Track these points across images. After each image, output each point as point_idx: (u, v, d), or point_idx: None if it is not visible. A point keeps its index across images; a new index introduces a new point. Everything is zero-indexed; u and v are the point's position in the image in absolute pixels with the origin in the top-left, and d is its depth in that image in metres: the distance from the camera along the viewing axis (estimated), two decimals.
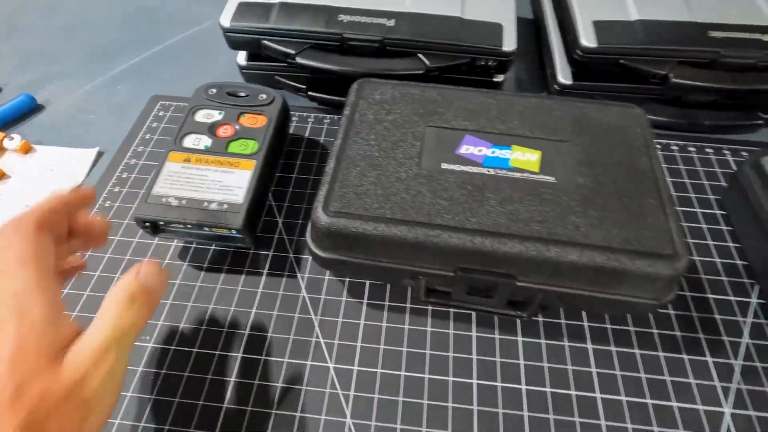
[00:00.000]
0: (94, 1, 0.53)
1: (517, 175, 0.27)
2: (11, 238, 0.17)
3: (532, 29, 0.48)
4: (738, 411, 0.25)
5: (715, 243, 0.32)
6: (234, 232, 0.28)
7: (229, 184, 0.29)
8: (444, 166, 0.27)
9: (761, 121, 0.37)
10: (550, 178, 0.26)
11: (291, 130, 0.38)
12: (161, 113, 0.40)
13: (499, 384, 0.26)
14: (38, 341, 0.15)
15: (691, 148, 0.38)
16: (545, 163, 0.27)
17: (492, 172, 0.27)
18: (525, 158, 0.27)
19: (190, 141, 0.31)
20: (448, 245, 0.24)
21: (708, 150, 0.38)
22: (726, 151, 0.37)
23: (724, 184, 0.35)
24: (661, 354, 0.27)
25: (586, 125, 0.29)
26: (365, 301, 0.30)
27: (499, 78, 0.39)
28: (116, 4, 0.52)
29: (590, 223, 0.24)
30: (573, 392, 0.26)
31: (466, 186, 0.26)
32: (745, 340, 0.28)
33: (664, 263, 0.23)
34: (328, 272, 0.31)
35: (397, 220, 0.24)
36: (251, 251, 0.32)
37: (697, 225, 0.33)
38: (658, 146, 0.38)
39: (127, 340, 0.18)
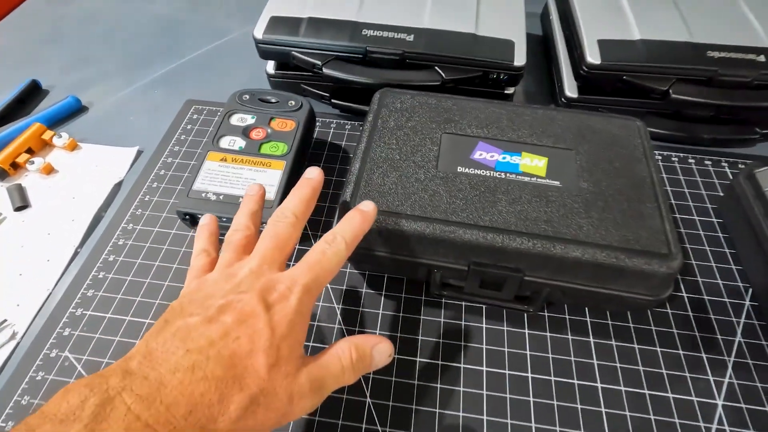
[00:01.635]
0: (125, 13, 0.57)
1: (526, 179, 0.29)
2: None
3: (541, 46, 0.51)
4: (730, 403, 0.27)
5: (712, 249, 0.34)
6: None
7: (261, 182, 0.32)
8: (459, 169, 0.29)
9: (757, 136, 0.40)
10: (556, 182, 0.29)
11: (315, 135, 0.41)
12: (195, 116, 0.43)
13: (506, 372, 0.28)
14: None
15: (690, 160, 0.40)
16: (551, 168, 0.30)
17: (503, 175, 0.29)
18: (533, 164, 0.30)
19: (225, 142, 0.34)
20: (462, 241, 0.26)
21: (707, 162, 0.40)
22: (724, 164, 0.40)
23: (720, 194, 0.37)
24: (658, 349, 0.29)
25: (590, 135, 0.32)
26: (383, 293, 0.32)
27: (510, 90, 0.41)
28: (147, 16, 0.56)
29: (592, 223, 0.27)
30: (575, 381, 0.28)
31: (479, 187, 0.28)
32: (738, 338, 0.30)
33: (659, 262, 0.25)
34: (349, 265, 0.33)
35: (417, 217, 0.27)
36: None
37: (695, 231, 0.35)
38: (658, 157, 0.40)
39: (328, 390, 0.21)
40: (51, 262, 0.34)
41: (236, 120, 0.36)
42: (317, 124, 0.42)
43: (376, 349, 0.22)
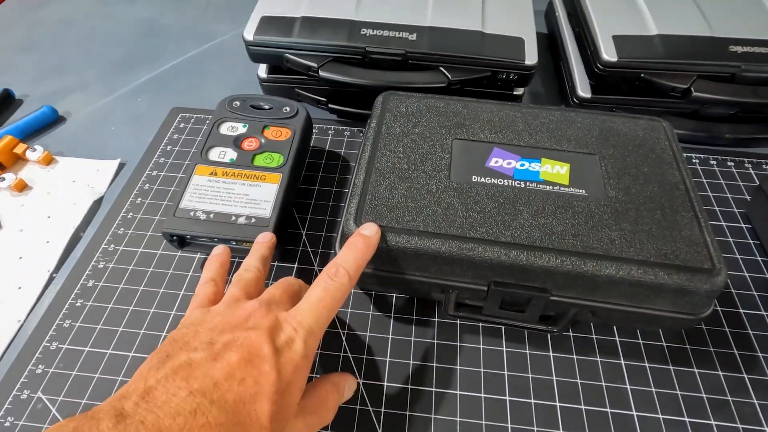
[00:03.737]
0: (105, 16, 0.53)
1: (548, 188, 0.26)
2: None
3: (546, 44, 0.49)
4: None
5: (743, 257, 0.32)
6: None
7: (255, 197, 0.29)
8: (474, 178, 0.27)
9: None
10: (581, 191, 0.26)
11: (311, 143, 0.39)
12: (182, 125, 0.40)
13: (532, 401, 0.26)
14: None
15: (712, 161, 0.38)
16: (574, 175, 0.27)
17: (522, 185, 0.27)
18: (554, 171, 0.27)
19: (215, 154, 0.31)
20: (482, 259, 0.24)
21: (729, 163, 0.38)
22: (747, 164, 0.37)
23: (747, 197, 0.35)
24: (696, 370, 0.27)
25: (613, 138, 0.29)
26: (392, 315, 0.29)
27: (519, 91, 0.39)
28: (128, 19, 0.53)
29: (624, 236, 0.24)
30: (608, 410, 0.25)
31: (497, 199, 0.26)
32: None
33: (702, 277, 0.23)
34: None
35: (430, 233, 0.24)
36: (275, 264, 0.31)
37: (723, 238, 0.33)
38: None
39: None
40: (23, 290, 0.30)
41: (226, 129, 0.33)
42: (314, 131, 0.39)
43: (347, 386, 0.24)
